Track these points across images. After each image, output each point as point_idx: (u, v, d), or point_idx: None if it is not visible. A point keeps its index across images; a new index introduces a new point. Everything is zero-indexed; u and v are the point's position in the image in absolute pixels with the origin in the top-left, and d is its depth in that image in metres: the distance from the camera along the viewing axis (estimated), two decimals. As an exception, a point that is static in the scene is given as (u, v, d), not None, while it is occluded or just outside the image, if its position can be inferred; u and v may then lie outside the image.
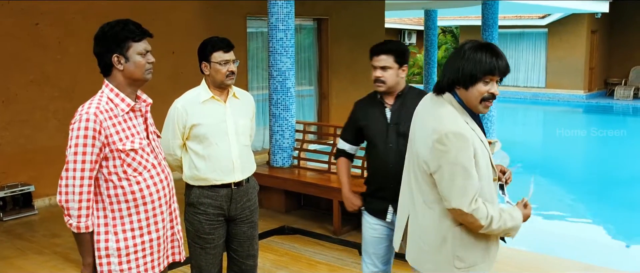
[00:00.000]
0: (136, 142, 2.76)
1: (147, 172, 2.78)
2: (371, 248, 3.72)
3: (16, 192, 6.93)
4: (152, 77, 2.87)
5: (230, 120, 3.66)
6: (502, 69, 2.67)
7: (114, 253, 2.75)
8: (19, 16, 7.13)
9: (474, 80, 2.65)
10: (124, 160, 2.72)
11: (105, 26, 2.74)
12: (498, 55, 2.67)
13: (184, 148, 3.69)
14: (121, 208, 2.74)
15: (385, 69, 3.53)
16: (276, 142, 7.18)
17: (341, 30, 11.46)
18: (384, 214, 3.63)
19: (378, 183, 3.64)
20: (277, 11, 6.96)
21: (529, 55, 23.78)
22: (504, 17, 22.41)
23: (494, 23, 11.24)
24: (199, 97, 3.63)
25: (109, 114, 2.70)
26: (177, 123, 3.61)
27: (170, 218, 2.94)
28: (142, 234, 2.79)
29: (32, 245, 6.01)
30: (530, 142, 15.73)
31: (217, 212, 3.68)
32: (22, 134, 7.22)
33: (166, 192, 2.88)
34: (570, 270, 5.44)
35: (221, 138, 3.62)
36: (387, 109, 3.60)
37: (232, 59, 3.62)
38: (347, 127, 3.82)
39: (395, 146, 3.54)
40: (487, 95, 2.68)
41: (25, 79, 7.23)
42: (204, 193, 3.65)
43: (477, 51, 2.67)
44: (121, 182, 2.73)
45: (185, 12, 8.93)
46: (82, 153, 2.62)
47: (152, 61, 2.82)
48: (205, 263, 3.74)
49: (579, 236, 8.61)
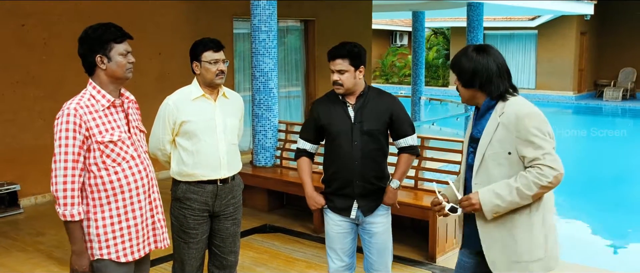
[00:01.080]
0: (115, 134, 2.96)
1: (125, 162, 2.98)
2: (337, 243, 3.81)
3: (2, 191, 7.01)
4: (133, 76, 3.08)
5: (219, 119, 3.77)
6: None
7: (94, 239, 2.96)
8: (4, 17, 7.22)
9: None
10: (103, 152, 2.92)
11: (88, 29, 2.96)
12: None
13: (173, 144, 3.80)
14: (101, 196, 2.95)
15: (342, 72, 3.61)
16: (259, 142, 7.28)
17: (328, 32, 11.56)
18: (349, 211, 3.74)
19: (342, 181, 3.71)
20: (260, 12, 7.06)
21: (518, 57, 23.95)
22: (494, 18, 22.60)
23: (479, 25, 11.36)
24: (190, 95, 3.75)
25: (90, 109, 2.91)
26: (168, 119, 3.73)
27: (150, 207, 3.11)
28: (121, 221, 2.98)
29: (16, 243, 6.10)
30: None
31: (202, 208, 3.78)
32: (8, 134, 7.30)
33: (145, 183, 3.06)
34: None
35: (209, 136, 3.73)
36: (350, 108, 3.69)
37: (221, 59, 3.73)
38: (307, 127, 3.89)
39: (360, 144, 3.65)
40: None
41: (11, 79, 7.32)
42: (190, 188, 3.76)
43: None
44: (100, 172, 2.93)
45: (171, 13, 9.02)
46: (65, 145, 2.84)
47: (132, 61, 3.02)
48: (187, 257, 3.85)
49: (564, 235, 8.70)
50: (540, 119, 2.88)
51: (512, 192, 2.84)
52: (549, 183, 2.83)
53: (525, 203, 2.88)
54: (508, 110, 2.91)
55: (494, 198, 2.88)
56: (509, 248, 2.96)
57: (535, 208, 2.94)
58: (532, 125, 2.85)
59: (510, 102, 2.94)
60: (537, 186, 2.82)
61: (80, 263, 2.91)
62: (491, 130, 2.94)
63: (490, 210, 2.91)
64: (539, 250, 2.96)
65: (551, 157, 2.84)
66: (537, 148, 2.83)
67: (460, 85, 3.03)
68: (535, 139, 2.84)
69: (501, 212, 2.91)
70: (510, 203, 2.87)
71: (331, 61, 3.65)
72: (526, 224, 2.94)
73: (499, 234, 2.98)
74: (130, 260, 3.03)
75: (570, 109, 21.83)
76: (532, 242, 2.94)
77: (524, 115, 2.87)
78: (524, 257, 2.94)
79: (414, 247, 5.81)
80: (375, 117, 3.69)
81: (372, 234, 3.83)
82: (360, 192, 3.71)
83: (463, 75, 2.99)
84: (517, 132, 2.87)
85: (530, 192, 2.83)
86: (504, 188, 2.87)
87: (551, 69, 22.90)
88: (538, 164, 2.83)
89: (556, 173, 2.83)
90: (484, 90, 2.98)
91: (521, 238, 2.94)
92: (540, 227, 2.96)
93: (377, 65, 29.09)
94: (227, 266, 3.97)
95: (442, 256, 5.55)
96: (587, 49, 23.16)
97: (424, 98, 15.33)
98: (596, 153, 14.67)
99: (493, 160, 2.94)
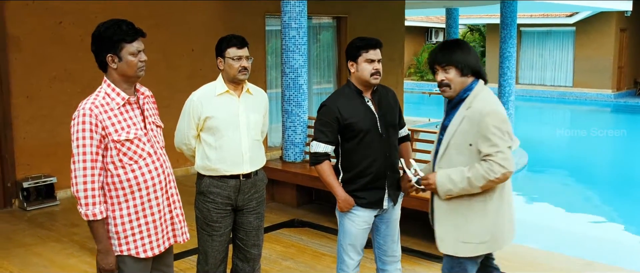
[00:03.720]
0: (131, 132, 2.96)
1: (142, 160, 2.99)
2: (360, 239, 3.82)
3: (39, 183, 7.23)
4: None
5: (243, 115, 3.82)
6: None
7: (113, 236, 2.98)
8: (42, 15, 7.43)
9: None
10: (120, 150, 2.92)
11: (101, 26, 2.93)
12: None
13: (197, 139, 3.87)
14: (118, 194, 2.96)
15: (380, 62, 3.69)
16: (288, 138, 7.35)
17: (360, 29, 11.57)
18: (381, 203, 3.77)
19: (375, 174, 3.72)
20: (290, 10, 7.13)
21: (556, 54, 23.57)
22: (530, 15, 22.31)
23: (512, 21, 11.24)
24: (215, 91, 3.81)
25: (105, 108, 2.91)
26: (193, 114, 3.80)
27: (167, 203, 3.13)
28: (139, 218, 3.00)
29: (52, 233, 6.29)
30: (554, 142, 15.63)
31: (225, 202, 3.85)
32: (45, 128, 7.53)
33: (162, 179, 3.07)
34: (575, 267, 5.51)
35: (232, 131, 3.78)
36: (370, 102, 3.72)
37: (245, 55, 3.77)
38: (327, 129, 3.69)
39: (387, 136, 3.72)
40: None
41: (48, 76, 7.54)
42: (213, 183, 3.83)
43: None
44: (117, 170, 2.94)
45: (204, 11, 9.15)
46: (83, 145, 2.84)
47: (143, 60, 2.99)
48: (211, 250, 3.92)
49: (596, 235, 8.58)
50: (501, 118, 3.18)
51: (463, 180, 3.20)
52: (496, 178, 3.16)
53: (474, 191, 3.22)
54: (474, 105, 3.23)
55: (448, 182, 3.25)
56: (460, 229, 3.32)
57: (490, 197, 3.27)
58: (493, 123, 3.15)
59: (479, 97, 3.25)
60: (485, 179, 3.16)
61: (107, 261, 2.94)
62: (457, 122, 3.27)
63: (443, 191, 3.28)
64: (487, 235, 3.30)
65: (503, 155, 3.14)
66: (492, 146, 3.14)
67: (458, 75, 3.26)
68: (493, 137, 3.14)
69: (453, 195, 3.27)
70: (461, 190, 3.23)
71: (372, 50, 3.63)
72: (481, 211, 3.28)
73: (454, 215, 3.34)
74: (149, 255, 3.05)
75: (609, 107, 21.41)
76: (483, 226, 3.29)
77: (486, 113, 3.17)
78: (473, 240, 3.30)
79: (429, 240, 5.78)
80: (391, 110, 3.80)
81: (390, 222, 3.88)
82: (391, 182, 3.78)
83: (465, 62, 3.27)
84: (478, 127, 3.17)
85: (479, 184, 3.18)
86: (458, 175, 3.22)
87: (589, 66, 22.49)
88: (490, 160, 3.15)
89: (505, 171, 3.15)
90: (478, 77, 3.32)
91: (474, 222, 3.29)
92: (493, 215, 3.30)
93: (412, 62, 28.96)
94: (250, 259, 4.04)
95: (468, 253, 5.53)
96: (627, 46, 22.68)
97: (457, 95, 15.18)
98: (636, 153, 14.38)
99: (455, 149, 3.28)
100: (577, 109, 21.62)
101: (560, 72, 23.51)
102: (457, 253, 3.33)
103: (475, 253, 3.32)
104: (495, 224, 3.30)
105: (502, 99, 11.49)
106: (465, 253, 3.32)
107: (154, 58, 5.18)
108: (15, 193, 7.28)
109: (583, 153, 14.46)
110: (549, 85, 23.71)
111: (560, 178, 12.34)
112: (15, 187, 7.26)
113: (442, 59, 3.29)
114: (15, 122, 7.31)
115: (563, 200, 10.54)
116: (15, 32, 7.23)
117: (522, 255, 5.69)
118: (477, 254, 3.33)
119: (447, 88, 3.30)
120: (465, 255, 3.32)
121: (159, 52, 8.35)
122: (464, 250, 3.32)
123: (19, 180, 7.26)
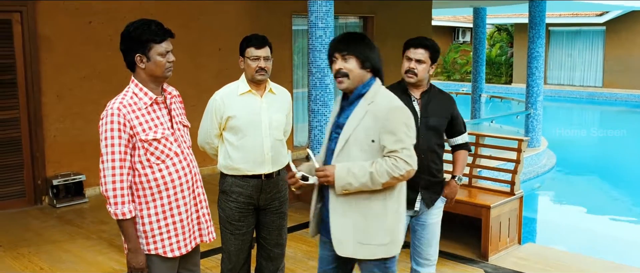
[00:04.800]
0: (159, 132, 2.97)
1: (169, 159, 3.00)
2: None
3: (69, 181, 7.35)
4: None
5: (265, 115, 3.81)
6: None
7: (141, 235, 3.00)
8: (73, 15, 7.54)
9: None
10: (147, 149, 2.94)
11: (130, 26, 2.95)
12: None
13: (220, 138, 3.89)
14: (146, 194, 2.97)
15: (420, 62, 3.71)
16: (315, 137, 7.35)
17: (387, 29, 11.55)
18: (413, 204, 3.79)
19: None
20: (317, 10, 7.12)
21: (585, 54, 23.28)
22: (559, 14, 22.04)
23: (541, 21, 11.10)
24: (237, 90, 3.81)
25: (132, 107, 2.92)
26: (215, 114, 3.81)
27: (194, 202, 3.14)
28: (166, 217, 3.01)
29: (81, 230, 6.38)
30: (583, 143, 15.42)
31: (247, 201, 3.85)
32: (75, 126, 7.64)
33: (188, 178, 3.08)
34: (602, 269, 5.44)
35: (254, 131, 3.78)
36: (416, 102, 3.76)
37: (263, 56, 3.75)
38: None
39: (425, 138, 3.73)
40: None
41: (79, 74, 7.65)
42: (235, 182, 3.83)
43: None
44: (145, 170, 2.95)
45: (232, 10, 9.20)
46: (111, 145, 2.86)
47: (172, 60, 3.00)
48: (234, 248, 3.93)
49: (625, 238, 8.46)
50: (408, 115, 3.06)
51: (365, 175, 2.97)
52: (401, 175, 2.99)
53: (375, 188, 3.01)
54: (379, 100, 3.06)
55: (348, 176, 2.99)
56: (360, 230, 3.07)
57: (390, 196, 3.08)
58: (401, 119, 3.02)
59: (381, 93, 3.09)
60: (389, 175, 2.97)
61: (137, 260, 2.96)
62: (358, 117, 3.05)
63: (341, 186, 3.01)
64: (387, 237, 3.09)
65: (408, 152, 3.01)
66: (398, 141, 2.99)
67: (358, 66, 3.06)
68: (399, 133, 3.00)
69: (351, 191, 3.02)
70: (362, 185, 2.99)
71: (412, 49, 3.72)
72: (381, 211, 3.07)
73: (352, 216, 3.08)
74: (177, 255, 3.06)
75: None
76: (383, 228, 3.08)
77: (394, 108, 3.04)
78: (372, 241, 3.08)
79: (466, 244, 5.78)
80: (439, 114, 3.80)
81: (426, 225, 3.89)
82: (425, 184, 3.78)
83: (366, 55, 3.08)
84: (384, 122, 3.00)
85: (382, 180, 2.97)
86: (359, 169, 2.99)
87: (620, 66, 22.16)
88: (395, 156, 2.98)
89: (409, 169, 3.00)
90: (375, 73, 3.13)
91: (374, 223, 3.07)
92: (393, 215, 3.11)
93: (439, 62, 28.76)
94: (273, 258, 4.04)
95: (494, 254, 5.50)
96: (659, 46, 22.29)
97: (484, 95, 15.10)
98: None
99: (356, 146, 3.05)
100: (607, 109, 21.31)
101: (589, 72, 23.20)
102: (357, 256, 3.11)
103: (374, 256, 3.09)
104: (394, 225, 3.11)
105: (530, 99, 11.36)
106: (365, 255, 3.09)
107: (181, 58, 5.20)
108: (45, 190, 7.40)
109: (612, 155, 14.25)
110: (578, 86, 23.41)
111: (589, 180, 12.18)
112: (45, 184, 7.38)
113: (343, 47, 3.08)
114: (46, 121, 7.43)
115: (591, 201, 10.40)
116: (46, 32, 7.35)
117: (545, 256, 5.64)
118: (377, 257, 3.09)
119: (345, 78, 3.07)
120: (365, 257, 3.10)
121: (186, 52, 8.42)
122: (364, 252, 3.09)
123: (48, 177, 7.37)
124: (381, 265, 3.14)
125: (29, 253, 5.69)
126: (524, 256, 5.58)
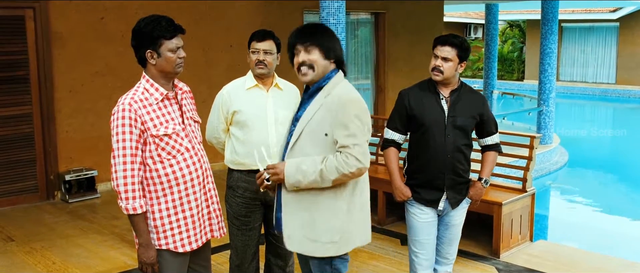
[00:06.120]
0: (170, 127, 2.98)
1: (180, 155, 3.01)
2: (424, 235, 3.78)
3: (81, 176, 7.39)
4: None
5: (271, 110, 3.79)
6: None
7: (152, 230, 3.01)
8: (85, 11, 7.57)
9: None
10: (158, 145, 2.95)
11: (141, 22, 2.96)
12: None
13: (227, 133, 3.89)
14: (157, 189, 2.99)
15: (446, 60, 3.64)
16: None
17: (399, 25, 11.52)
18: (437, 203, 3.76)
19: (432, 173, 3.71)
20: (328, 6, 7.10)
21: (598, 50, 23.09)
22: (572, 10, 21.88)
23: (554, 17, 11.01)
24: (244, 85, 3.81)
25: (144, 103, 2.94)
26: (222, 108, 3.81)
27: (205, 198, 3.15)
28: (177, 213, 3.02)
29: (93, 225, 6.42)
30: (595, 140, 15.31)
31: (254, 196, 3.84)
32: (87, 122, 7.68)
33: (199, 174, 3.08)
34: (614, 267, 5.41)
35: (260, 126, 3.76)
36: (444, 100, 3.71)
37: (263, 49, 3.72)
38: (396, 116, 3.81)
39: (452, 137, 3.68)
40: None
41: (91, 70, 7.68)
42: (242, 177, 3.83)
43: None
44: (156, 165, 2.97)
45: (243, 7, 9.20)
46: (123, 140, 2.88)
47: (182, 56, 3.01)
48: (241, 244, 3.93)
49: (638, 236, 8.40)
50: (362, 108, 2.93)
51: (315, 172, 2.87)
52: (351, 173, 2.87)
53: (325, 185, 2.91)
54: (334, 92, 2.95)
55: (298, 173, 2.90)
56: (308, 226, 2.99)
57: (340, 194, 2.97)
58: (354, 112, 2.89)
59: (339, 85, 2.98)
60: (339, 173, 2.86)
61: (148, 255, 2.97)
62: (314, 110, 2.96)
63: (291, 183, 2.93)
64: (336, 235, 2.98)
65: (360, 149, 2.88)
66: (350, 136, 2.87)
67: (322, 56, 2.97)
68: (352, 126, 2.87)
69: (301, 188, 2.94)
70: (312, 182, 2.90)
71: (439, 46, 3.67)
72: (331, 208, 2.97)
73: (301, 212, 3.00)
74: (188, 250, 3.07)
75: (653, 105, 20.92)
76: (332, 225, 2.97)
77: (347, 100, 2.91)
78: (321, 238, 2.98)
79: (478, 241, 5.76)
80: (467, 114, 3.73)
81: (450, 226, 3.86)
82: (450, 184, 3.74)
83: (329, 46, 2.99)
84: (337, 114, 2.89)
85: (332, 177, 2.87)
86: (309, 166, 2.89)
87: (634, 63, 21.96)
88: (346, 152, 2.86)
89: (360, 166, 2.88)
90: (338, 65, 3.03)
91: (322, 220, 2.97)
92: (343, 213, 2.98)
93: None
94: (282, 255, 4.04)
95: (506, 251, 5.48)
96: (673, 42, 22.08)
97: (496, 92, 15.04)
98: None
99: (309, 139, 2.96)
100: (620, 106, 21.15)
101: (602, 68, 23.02)
102: (305, 252, 3.04)
103: (325, 253, 2.99)
104: (346, 224, 2.99)
105: (543, 96, 11.29)
106: (314, 252, 3.00)
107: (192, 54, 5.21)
108: (57, 185, 7.45)
109: (625, 152, 14.14)
110: (591, 82, 23.24)
111: (601, 177, 12.10)
112: (58, 179, 7.42)
113: (305, 39, 2.98)
114: (58, 116, 7.47)
115: (604, 199, 10.34)
116: (59, 28, 7.38)
117: (557, 253, 5.61)
118: (327, 255, 3.00)
119: (310, 70, 2.97)
120: (314, 254, 3.01)
121: (198, 48, 8.44)
122: (312, 249, 3.00)
123: (61, 172, 7.42)
124: (330, 263, 3.06)
125: (42, 248, 5.73)
126: (535, 253, 5.55)
